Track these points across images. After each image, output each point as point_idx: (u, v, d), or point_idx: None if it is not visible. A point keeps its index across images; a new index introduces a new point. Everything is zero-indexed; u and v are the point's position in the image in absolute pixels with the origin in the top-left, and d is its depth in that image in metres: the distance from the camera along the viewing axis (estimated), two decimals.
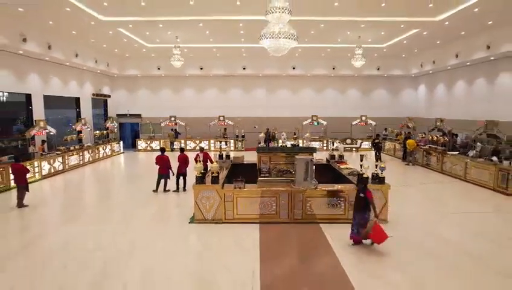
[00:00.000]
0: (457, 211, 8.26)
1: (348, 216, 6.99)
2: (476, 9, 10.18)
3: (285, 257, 5.52)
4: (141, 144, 19.79)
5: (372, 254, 5.62)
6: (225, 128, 19.66)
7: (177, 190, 9.63)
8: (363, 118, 19.45)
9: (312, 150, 8.14)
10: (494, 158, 10.67)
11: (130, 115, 20.98)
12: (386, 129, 19.34)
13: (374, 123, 19.21)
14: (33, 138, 12.47)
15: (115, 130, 19.28)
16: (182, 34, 13.82)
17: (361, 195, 5.82)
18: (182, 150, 9.92)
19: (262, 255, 5.58)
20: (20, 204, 8.25)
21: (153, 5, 10.26)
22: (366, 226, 5.67)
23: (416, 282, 4.72)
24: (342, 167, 9.37)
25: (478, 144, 12.91)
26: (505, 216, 7.96)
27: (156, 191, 9.52)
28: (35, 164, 11.58)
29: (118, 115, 20.77)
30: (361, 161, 7.23)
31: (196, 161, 7.72)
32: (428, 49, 16.82)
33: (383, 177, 7.19)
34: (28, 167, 10.79)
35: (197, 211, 7.11)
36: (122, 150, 18.99)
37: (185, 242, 6.27)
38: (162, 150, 9.85)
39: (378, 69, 19.71)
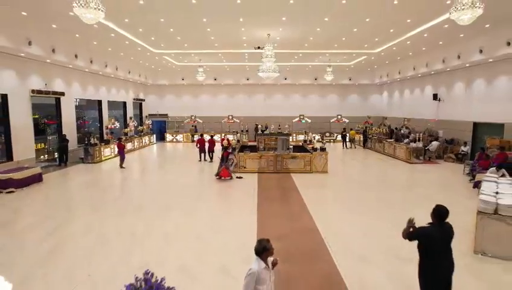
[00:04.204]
0: (373, 169, 14.32)
1: (305, 169, 13.03)
2: (394, 48, 16.18)
3: (269, 184, 11.54)
4: (169, 137, 25.86)
5: (314, 182, 11.67)
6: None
7: (206, 160, 15.72)
8: (339, 117, 25.43)
9: (287, 135, 14.17)
10: (412, 143, 16.68)
11: (159, 115, 27.00)
12: (357, 125, 25.27)
13: (347, 121, 25.17)
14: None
15: (150, 126, 25.35)
16: (204, 57, 19.80)
17: (223, 153, 11.89)
18: (212, 136, 15.98)
19: (258, 185, 11.50)
20: (121, 166, 14.32)
21: (191, 45, 16.25)
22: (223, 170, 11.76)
23: (332, 191, 10.73)
24: (309, 146, 15.45)
25: (412, 134, 18.91)
26: (398, 171, 13.96)
27: (200, 161, 15.62)
28: (111, 147, 17.65)
29: (149, 115, 26.79)
30: (314, 139, 13.25)
31: (222, 141, 13.73)
32: (383, 66, 22.81)
33: (325, 148, 13.24)
34: (108, 149, 17.02)
35: None
36: (155, 141, 25.06)
37: (217, 180, 12.29)
38: (202, 135, 15.92)
39: (350, 79, 25.68)
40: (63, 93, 15.08)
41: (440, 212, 3.65)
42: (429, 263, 3.62)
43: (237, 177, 12.05)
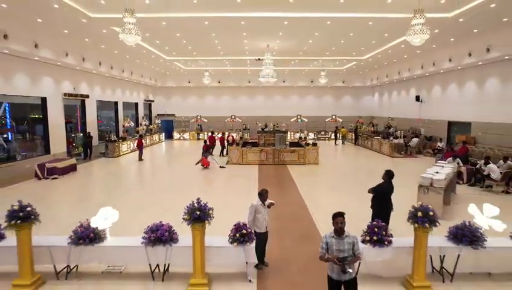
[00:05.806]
0: (357, 162, 16.42)
1: (299, 161, 15.12)
2: (379, 56, 18.26)
3: (268, 173, 13.64)
4: (176, 135, 27.98)
5: (305, 172, 13.76)
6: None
7: (212, 154, 17.84)
8: (334, 117, 27.48)
9: (284, 132, 16.28)
10: (394, 140, 18.78)
11: (167, 115, 29.11)
12: (350, 125, 27.33)
13: (341, 120, 27.24)
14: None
15: (159, 125, 27.48)
16: (210, 62, 21.90)
17: (204, 146, 14.29)
18: (218, 133, 18.10)
19: (259, 174, 13.61)
20: (140, 159, 16.44)
21: (200, 52, 18.37)
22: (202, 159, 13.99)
23: (320, 178, 12.83)
24: (303, 142, 17.58)
25: (398, 132, 21.01)
26: (378, 163, 16.02)
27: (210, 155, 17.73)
28: (128, 143, 19.75)
29: (158, 115, 28.90)
30: (306, 136, 15.35)
31: (228, 137, 15.87)
32: (373, 70, 24.91)
33: (316, 143, 15.35)
34: (125, 145, 19.14)
35: (230, 158, 15.28)
36: (163, 139, 27.17)
37: (225, 168, 14.38)
38: (212, 132, 18.05)
39: (343, 82, 27.77)
40: (87, 96, 17.21)
41: (390, 174, 6.16)
42: (379, 205, 6.09)
43: (220, 167, 14.38)
